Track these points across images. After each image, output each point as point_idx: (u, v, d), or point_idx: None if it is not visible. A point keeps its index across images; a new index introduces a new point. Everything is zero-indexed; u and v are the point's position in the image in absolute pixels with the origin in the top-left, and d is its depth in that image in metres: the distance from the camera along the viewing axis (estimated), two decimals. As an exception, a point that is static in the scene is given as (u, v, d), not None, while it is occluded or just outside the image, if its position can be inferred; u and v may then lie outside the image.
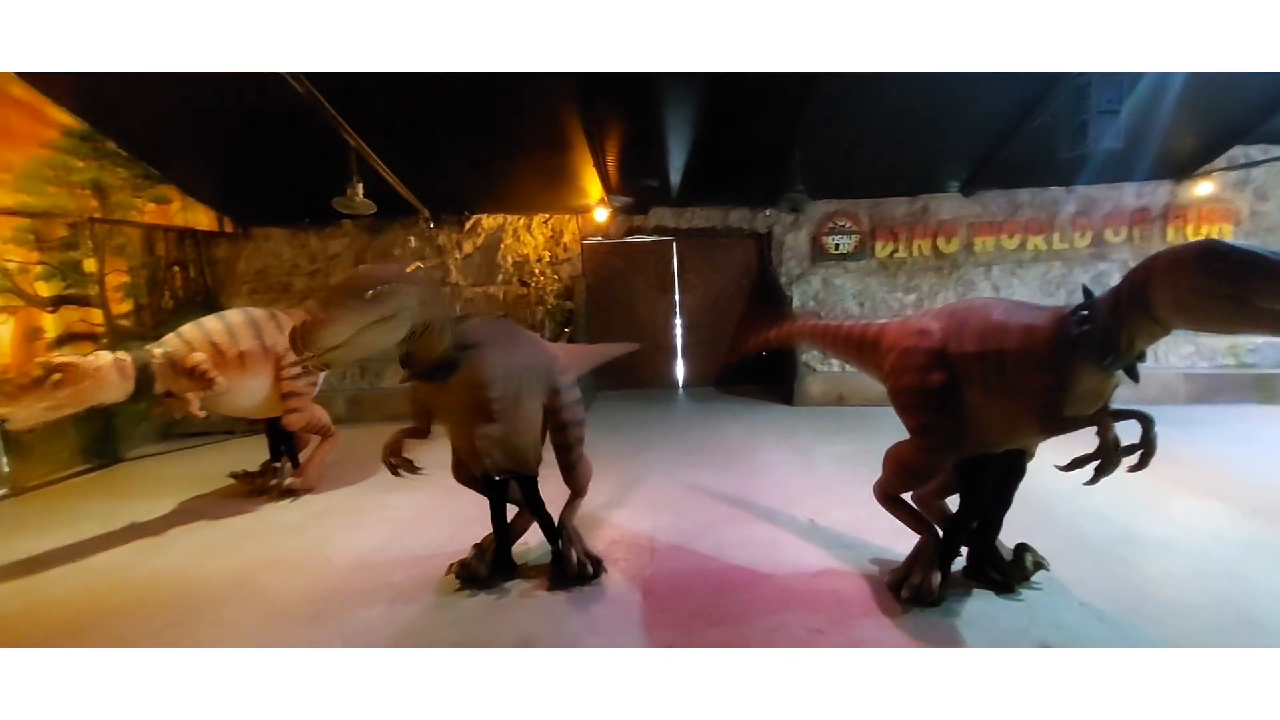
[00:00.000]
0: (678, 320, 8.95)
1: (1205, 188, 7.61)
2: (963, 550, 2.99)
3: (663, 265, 8.87)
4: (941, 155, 7.48)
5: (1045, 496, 3.84)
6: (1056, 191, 8.03)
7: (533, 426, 2.99)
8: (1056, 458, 2.49)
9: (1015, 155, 7.03)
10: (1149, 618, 2.65)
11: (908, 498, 2.99)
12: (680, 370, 9.12)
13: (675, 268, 8.86)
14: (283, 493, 4.77)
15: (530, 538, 3.44)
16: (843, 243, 8.46)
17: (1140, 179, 7.79)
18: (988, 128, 6.77)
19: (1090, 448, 2.32)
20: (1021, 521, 3.18)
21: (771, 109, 6.31)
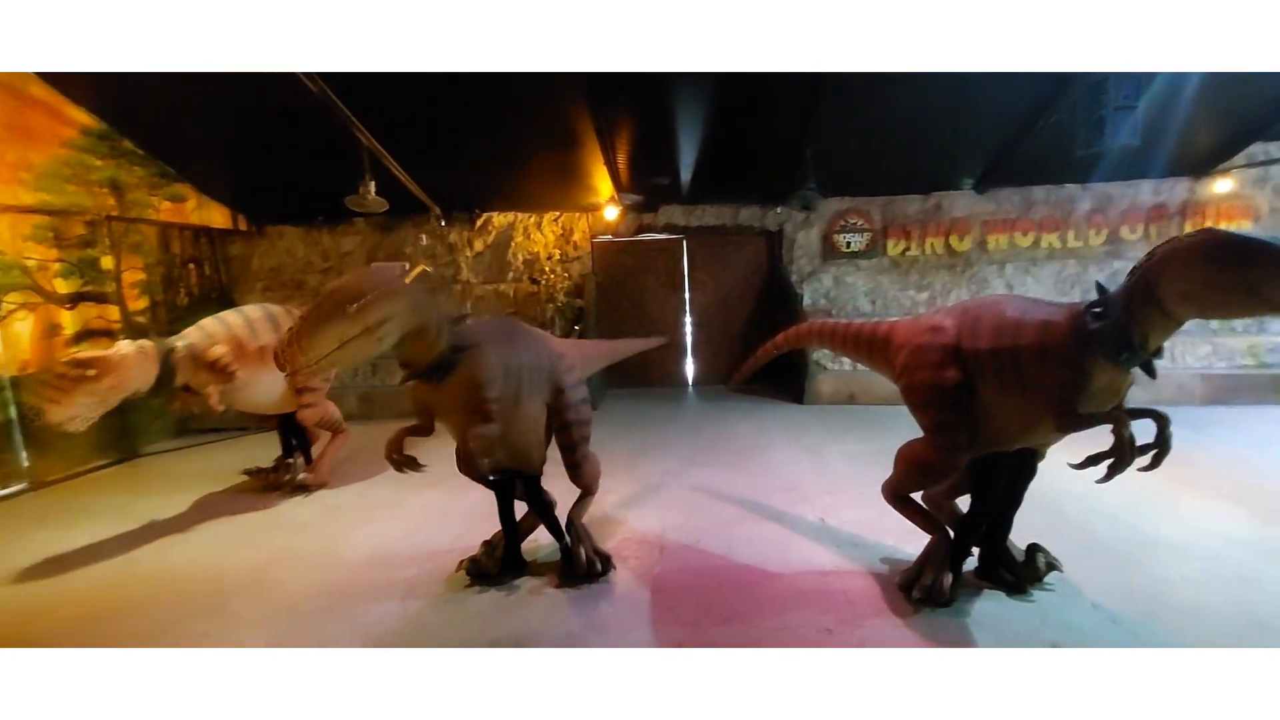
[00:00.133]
0: (687, 318, 8.94)
1: (1224, 185, 7.51)
2: (974, 550, 2.98)
3: (673, 263, 8.86)
4: (955, 152, 7.42)
5: (1058, 497, 3.82)
6: (1072, 189, 7.94)
7: (535, 426, 2.99)
8: (1069, 458, 2.47)
9: (1030, 152, 6.96)
10: (1162, 620, 2.62)
11: (918, 498, 2.97)
12: (690, 368, 9.11)
13: (685, 266, 8.85)
14: (296, 488, 4.82)
15: (541, 534, 3.46)
16: (854, 240, 8.42)
17: (1157, 176, 7.69)
18: (1002, 124, 6.70)
19: (1103, 446, 2.30)
20: (1034, 522, 3.16)
21: (783, 106, 6.28)
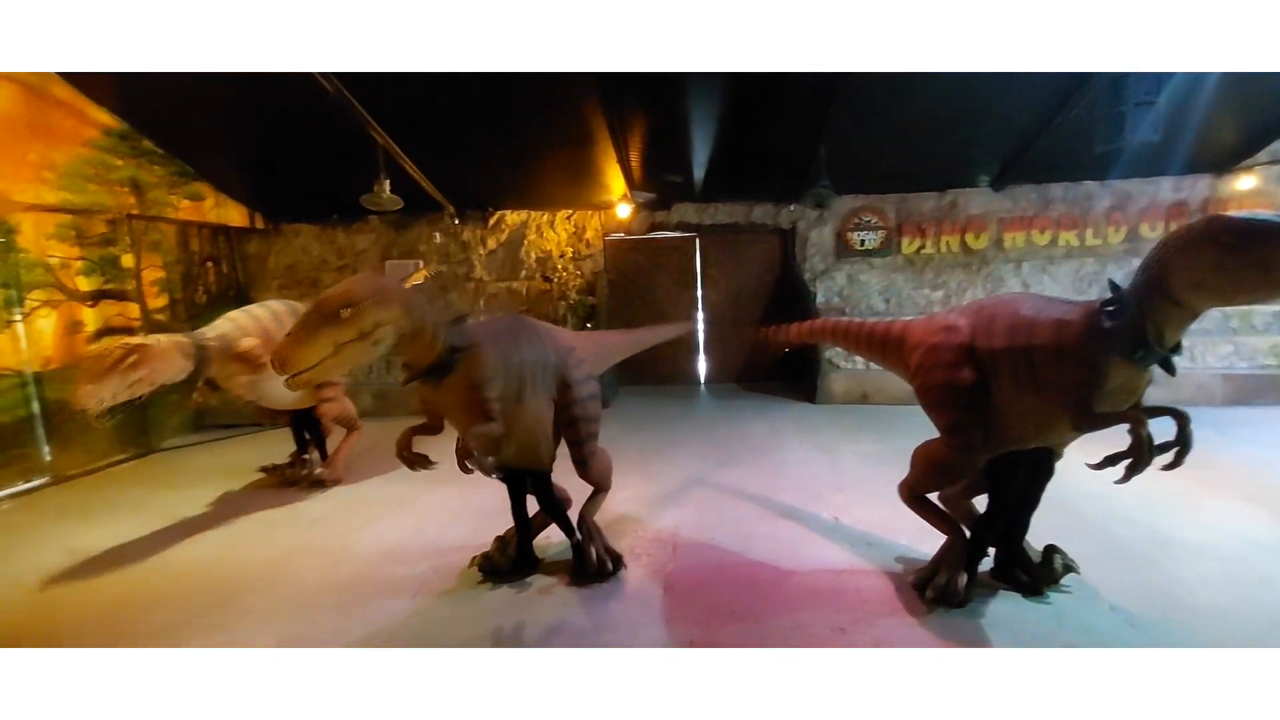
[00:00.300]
0: (700, 316, 8.93)
1: (1247, 181, 7.38)
2: (990, 551, 2.95)
3: (685, 261, 8.84)
4: (971, 149, 7.35)
5: (1076, 498, 3.77)
6: (1090, 186, 7.84)
7: (540, 423, 2.97)
8: (1088, 458, 2.44)
9: (1048, 148, 6.87)
10: (1181, 623, 2.59)
11: (934, 497, 2.95)
12: (702, 366, 9.10)
13: (698, 264, 8.83)
14: (312, 484, 4.87)
15: (555, 531, 3.45)
16: (868, 238, 8.36)
17: (1178, 173, 7.57)
18: (1019, 120, 6.62)
19: (1121, 446, 2.27)
20: (1051, 523, 3.12)
21: (797, 103, 6.24)
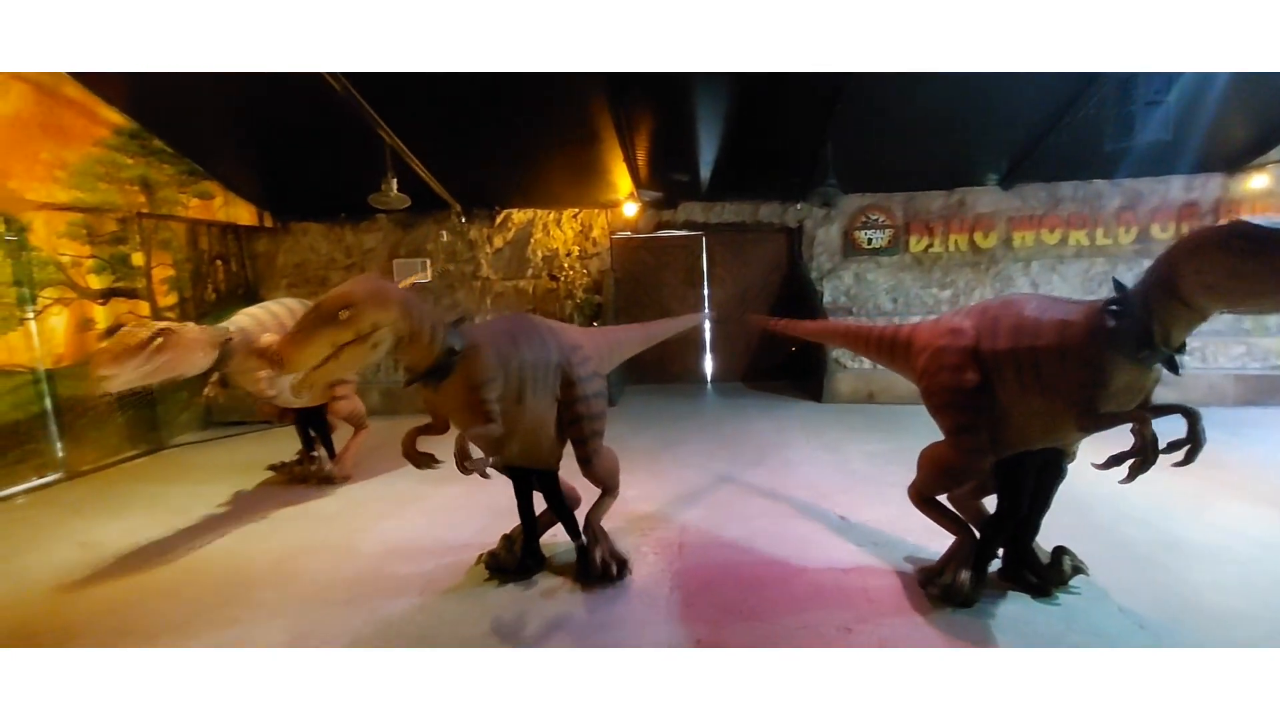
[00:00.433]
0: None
1: (1260, 180, 7.30)
2: (999, 551, 2.94)
3: (692, 260, 8.84)
4: (979, 147, 7.31)
5: (1086, 500, 3.74)
6: (1100, 184, 7.78)
7: (543, 423, 2.96)
8: (1096, 459, 2.42)
9: (1057, 147, 6.82)
10: (1192, 626, 2.57)
11: (944, 499, 2.94)
12: (708, 365, 9.09)
13: (704, 262, 8.82)
14: (321, 481, 4.90)
15: (563, 530, 3.46)
16: (876, 237, 8.33)
17: (1189, 171, 7.50)
18: (1028, 119, 6.58)
19: (1129, 446, 2.26)
20: (1061, 524, 3.10)
21: (803, 101, 6.23)
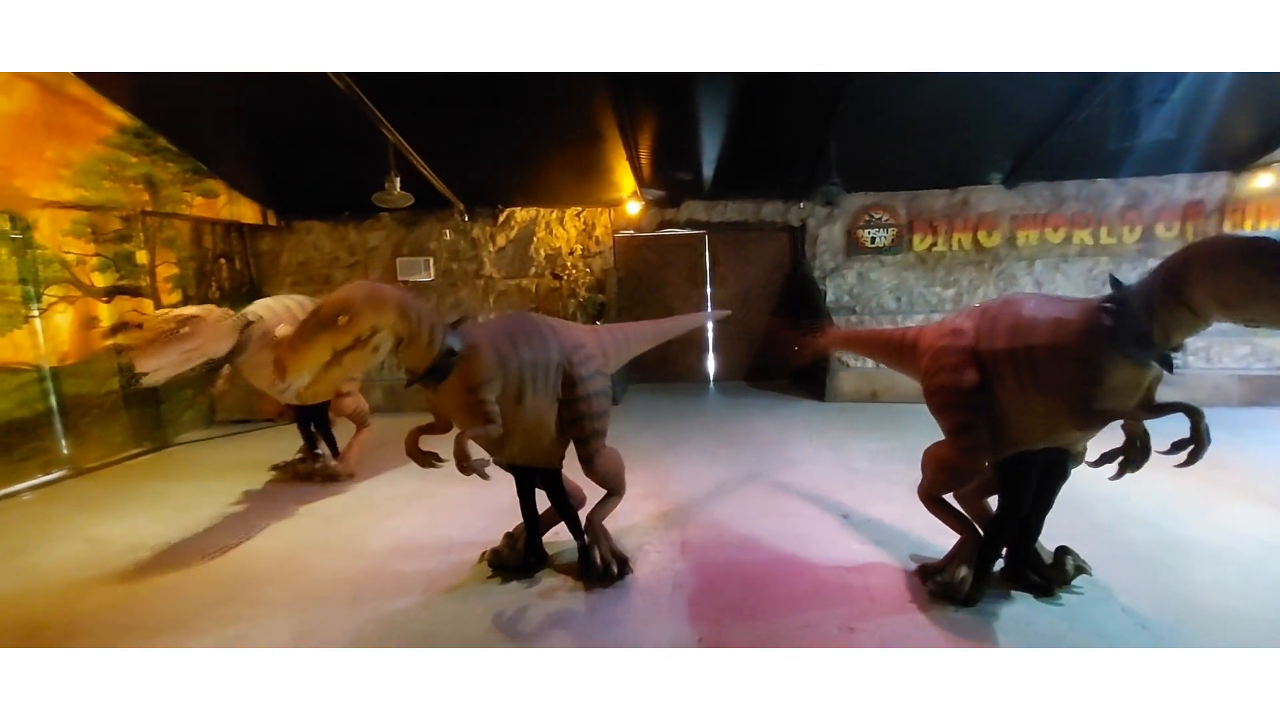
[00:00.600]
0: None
1: (1265, 180, 7.26)
2: (1003, 551, 2.94)
3: (695, 258, 8.84)
4: (983, 146, 7.29)
5: (1089, 500, 3.73)
6: (1105, 184, 7.76)
7: (544, 422, 2.96)
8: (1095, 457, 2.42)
9: (1061, 146, 6.81)
10: (1194, 626, 2.57)
11: (951, 498, 2.94)
12: (711, 364, 9.09)
13: (707, 261, 8.82)
14: (326, 478, 4.92)
15: (567, 528, 3.47)
16: (879, 236, 8.32)
17: (1194, 171, 7.48)
18: (1032, 118, 6.56)
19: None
20: (1064, 524, 3.10)
21: (806, 99, 6.22)
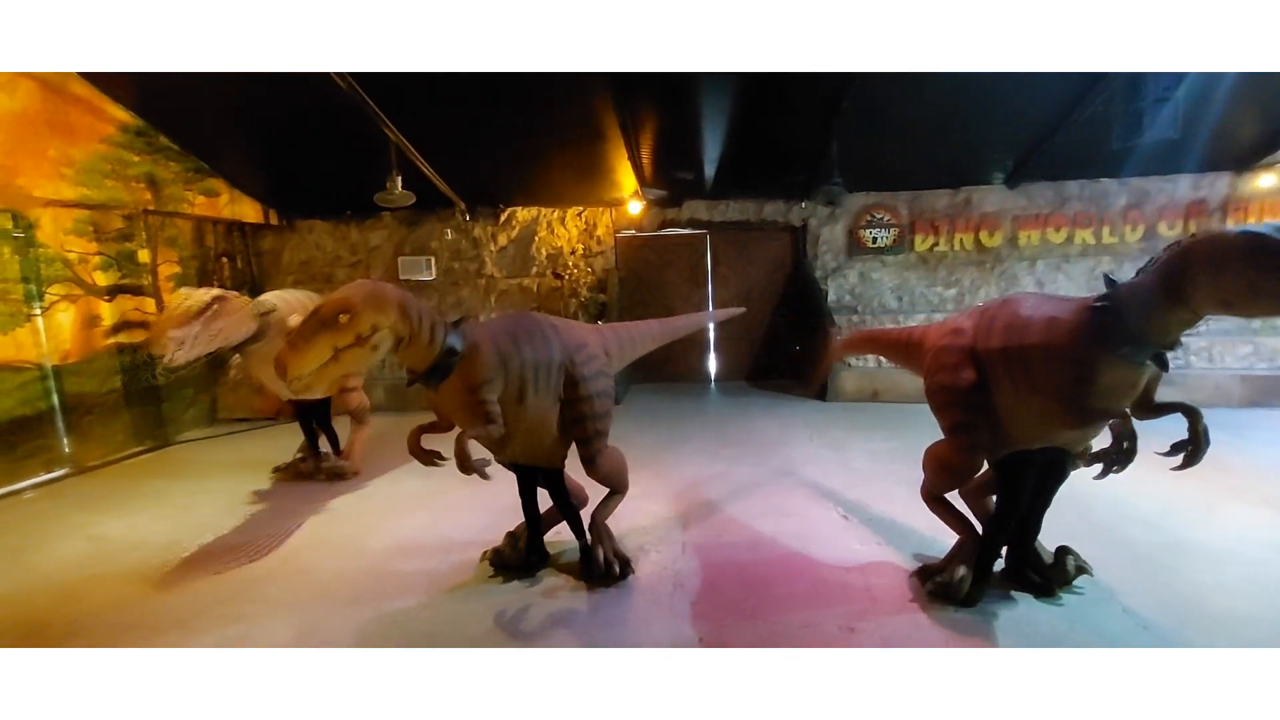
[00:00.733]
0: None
1: (1268, 179, 7.25)
2: (1003, 551, 2.93)
3: (696, 258, 8.83)
4: (985, 146, 7.28)
5: (1090, 500, 3.73)
6: (1107, 183, 7.74)
7: (545, 423, 2.95)
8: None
9: (1064, 145, 6.80)
10: (1196, 627, 2.56)
11: (956, 498, 2.94)
12: (712, 364, 9.09)
13: (709, 261, 8.81)
14: (332, 476, 4.93)
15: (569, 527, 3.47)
16: (880, 236, 8.31)
17: (1197, 170, 7.45)
18: (1035, 117, 6.55)
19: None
20: (1065, 525, 3.10)
21: (808, 99, 6.21)
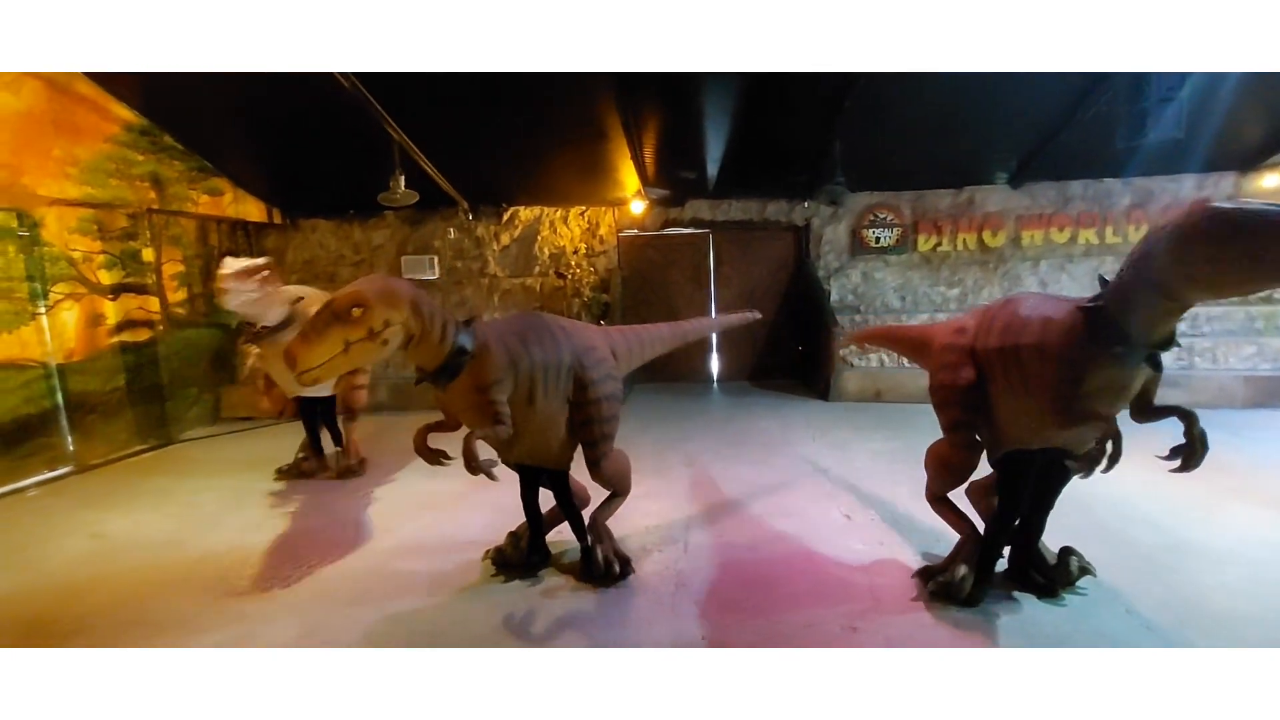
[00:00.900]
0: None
1: (1272, 179, 7.23)
2: (1005, 552, 2.93)
3: (699, 258, 8.83)
4: (988, 146, 7.27)
5: (1093, 501, 3.72)
6: (1111, 183, 7.74)
7: (553, 424, 2.95)
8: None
9: (1068, 145, 6.79)
10: (1199, 628, 2.56)
11: (959, 498, 2.94)
12: (715, 364, 9.09)
13: (711, 260, 8.82)
14: (343, 473, 4.95)
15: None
16: (883, 235, 8.31)
17: (1201, 170, 7.45)
18: (1038, 117, 6.54)
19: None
20: (1068, 525, 3.10)
21: (811, 99, 6.21)
